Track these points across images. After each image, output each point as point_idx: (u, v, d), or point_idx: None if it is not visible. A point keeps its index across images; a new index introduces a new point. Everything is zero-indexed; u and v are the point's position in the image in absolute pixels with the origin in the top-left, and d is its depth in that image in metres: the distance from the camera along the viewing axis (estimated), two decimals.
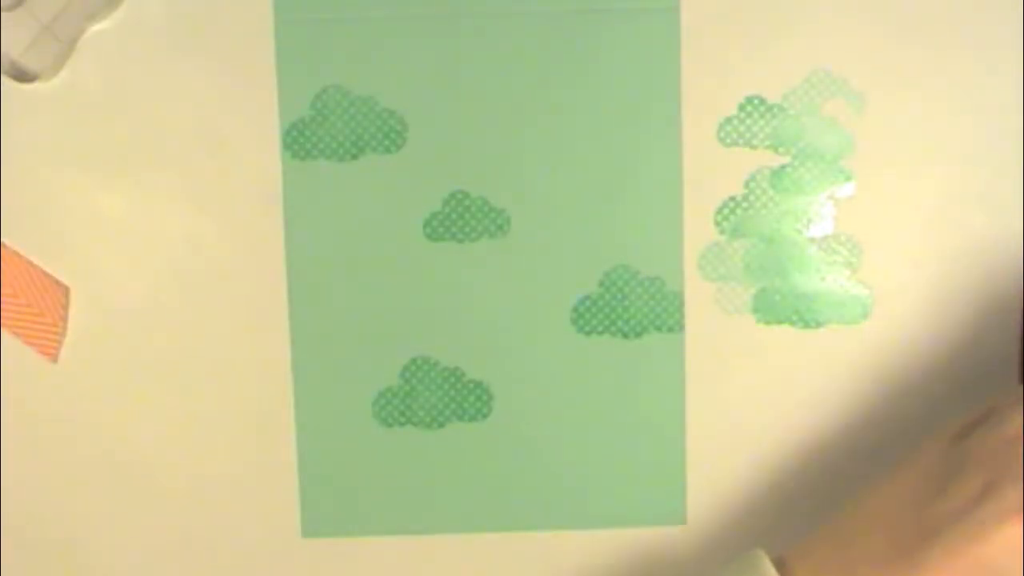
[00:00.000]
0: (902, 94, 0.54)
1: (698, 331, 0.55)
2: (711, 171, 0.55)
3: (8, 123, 0.55)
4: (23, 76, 0.53)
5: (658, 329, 0.55)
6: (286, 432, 0.56)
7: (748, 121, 0.55)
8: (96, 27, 0.54)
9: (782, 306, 0.55)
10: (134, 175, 0.55)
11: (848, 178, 0.55)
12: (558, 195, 0.55)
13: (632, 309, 0.55)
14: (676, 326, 0.55)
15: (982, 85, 0.54)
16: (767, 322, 0.55)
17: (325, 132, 0.55)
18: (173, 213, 0.55)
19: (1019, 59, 0.54)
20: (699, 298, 0.55)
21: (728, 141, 0.55)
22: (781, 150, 0.55)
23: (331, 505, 0.56)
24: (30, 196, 0.55)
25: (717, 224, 0.55)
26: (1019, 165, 0.54)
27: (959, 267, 0.55)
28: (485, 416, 0.56)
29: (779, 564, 0.47)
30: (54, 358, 0.55)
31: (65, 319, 0.55)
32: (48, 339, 0.55)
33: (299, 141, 0.55)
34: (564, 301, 0.56)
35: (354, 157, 0.55)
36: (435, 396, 0.56)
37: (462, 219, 0.55)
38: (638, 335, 0.55)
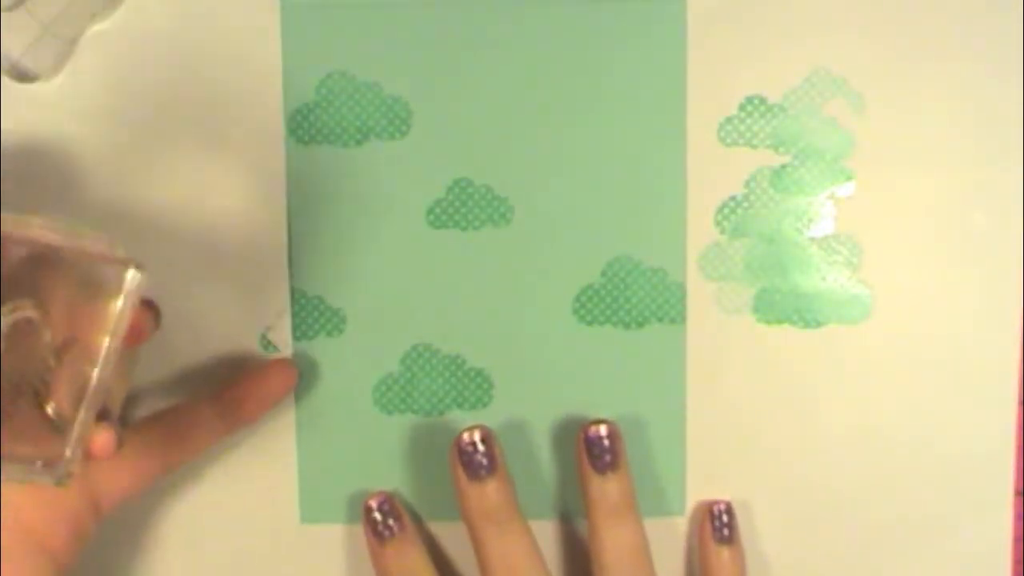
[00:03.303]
0: (902, 94, 0.54)
1: (699, 329, 0.56)
2: (711, 171, 0.55)
3: (8, 123, 0.55)
4: (23, 76, 0.53)
5: (660, 320, 0.55)
6: (286, 418, 0.56)
7: (748, 121, 0.55)
8: (96, 27, 0.54)
9: (782, 306, 0.55)
10: (135, 172, 0.55)
11: (848, 178, 0.55)
12: (561, 184, 0.55)
13: (634, 300, 0.55)
14: (678, 317, 0.55)
15: (982, 85, 0.54)
16: (767, 322, 0.55)
17: (330, 118, 0.55)
18: (176, 205, 0.55)
19: (1019, 59, 0.54)
20: (700, 297, 0.55)
21: (729, 141, 0.55)
22: (781, 150, 0.55)
23: (330, 492, 0.57)
24: (30, 196, 0.55)
25: (717, 224, 0.55)
26: (1019, 165, 0.54)
27: (959, 267, 0.55)
28: (486, 404, 0.56)
29: None
30: None
31: None
32: None
33: (303, 126, 0.55)
34: (566, 290, 0.56)
35: (358, 143, 0.55)
36: (436, 384, 0.56)
37: (465, 207, 0.55)
38: (639, 326, 0.56)
